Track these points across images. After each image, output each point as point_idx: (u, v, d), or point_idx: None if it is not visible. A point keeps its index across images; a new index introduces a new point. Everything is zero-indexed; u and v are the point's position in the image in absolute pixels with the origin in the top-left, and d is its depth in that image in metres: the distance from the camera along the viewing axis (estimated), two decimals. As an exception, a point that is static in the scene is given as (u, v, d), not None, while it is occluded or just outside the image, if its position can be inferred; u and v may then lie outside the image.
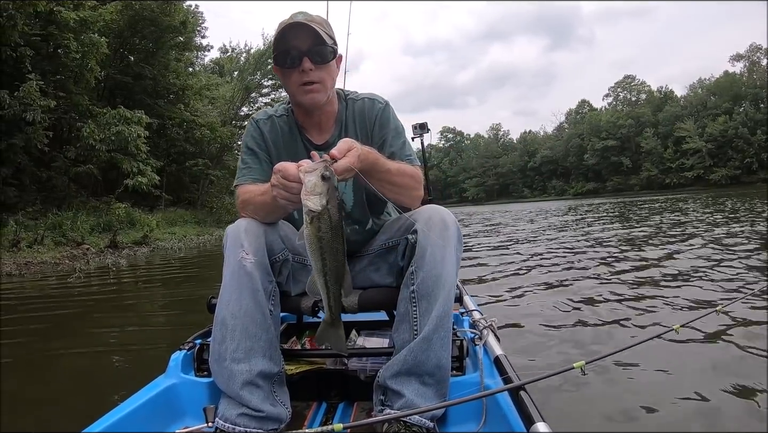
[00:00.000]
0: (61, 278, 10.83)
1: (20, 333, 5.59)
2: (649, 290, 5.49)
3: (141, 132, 20.46)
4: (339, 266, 1.69)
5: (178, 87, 30.64)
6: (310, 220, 1.61)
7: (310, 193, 1.59)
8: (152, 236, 20.44)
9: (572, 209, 28.57)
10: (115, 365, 4.20)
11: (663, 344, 3.44)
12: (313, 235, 1.63)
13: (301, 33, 2.06)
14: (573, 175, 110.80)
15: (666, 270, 6.63)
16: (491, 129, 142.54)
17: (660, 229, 13.31)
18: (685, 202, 30.60)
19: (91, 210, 20.90)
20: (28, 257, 14.00)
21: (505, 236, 14.81)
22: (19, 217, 17.07)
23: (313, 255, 1.66)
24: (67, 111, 20.40)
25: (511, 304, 5.38)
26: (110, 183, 23.31)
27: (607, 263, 7.61)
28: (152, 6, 25.89)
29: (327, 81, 2.14)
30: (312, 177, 1.59)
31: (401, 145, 2.24)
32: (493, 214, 35.09)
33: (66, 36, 18.62)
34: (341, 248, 1.67)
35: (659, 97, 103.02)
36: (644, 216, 19.43)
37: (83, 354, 4.63)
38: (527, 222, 21.86)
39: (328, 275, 1.69)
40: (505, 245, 12.22)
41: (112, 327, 5.60)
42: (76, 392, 3.62)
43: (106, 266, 13.08)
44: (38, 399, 3.50)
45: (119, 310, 7.00)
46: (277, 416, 1.86)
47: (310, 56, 2.07)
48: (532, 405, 1.54)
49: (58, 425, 2.88)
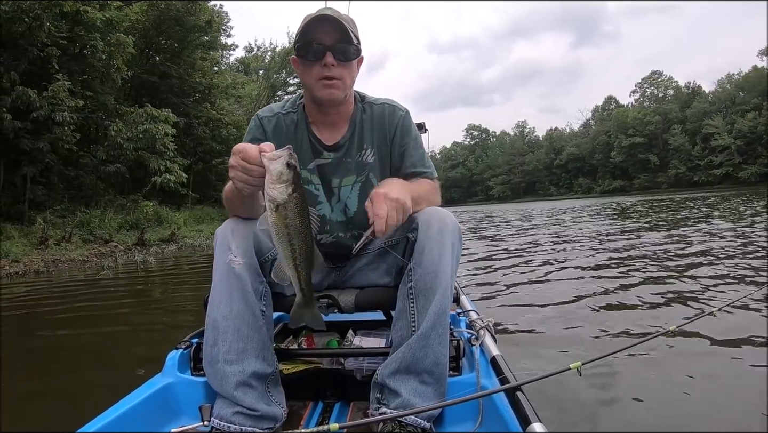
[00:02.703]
0: (90, 275, 10.88)
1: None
2: (648, 292, 5.40)
3: (168, 130, 20.63)
4: (308, 249, 1.66)
5: (204, 86, 30.95)
6: (275, 208, 1.57)
7: (276, 181, 1.55)
8: (179, 233, 20.59)
9: (621, 213, 27.79)
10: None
11: (659, 345, 3.48)
12: (279, 223, 1.59)
13: (328, 27, 2.04)
14: (600, 173, 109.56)
15: (666, 272, 6.45)
16: (517, 126, 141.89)
17: (670, 228, 13.03)
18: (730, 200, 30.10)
19: (118, 208, 21.14)
20: (56, 254, 14.11)
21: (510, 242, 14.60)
22: (47, 215, 17.21)
23: (280, 242, 1.63)
24: (94, 111, 20.59)
25: (508, 304, 5.35)
26: (137, 181, 23.57)
27: (606, 265, 7.46)
28: (177, 6, 26.15)
29: (347, 79, 2.11)
30: (277, 165, 1.55)
31: (420, 157, 2.26)
32: (505, 215, 34.65)
33: (92, 36, 18.79)
34: (309, 232, 1.64)
35: (687, 93, 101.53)
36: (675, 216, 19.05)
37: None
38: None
39: (297, 260, 1.65)
40: (505, 245, 12.06)
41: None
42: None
43: (134, 263, 13.15)
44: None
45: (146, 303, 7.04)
46: (273, 415, 1.86)
47: (334, 52, 2.04)
48: (529, 406, 1.55)
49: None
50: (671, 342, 3.49)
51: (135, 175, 23.55)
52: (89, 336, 5.30)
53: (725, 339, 3.62)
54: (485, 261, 9.04)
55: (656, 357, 3.33)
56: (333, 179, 2.20)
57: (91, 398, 3.20)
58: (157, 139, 20.19)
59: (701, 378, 3.03)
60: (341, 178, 2.20)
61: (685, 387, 2.89)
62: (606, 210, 26.61)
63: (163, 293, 8.46)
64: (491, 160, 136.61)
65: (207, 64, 32.02)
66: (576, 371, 1.66)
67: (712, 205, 23.49)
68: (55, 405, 3.28)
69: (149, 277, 10.51)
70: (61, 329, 5.65)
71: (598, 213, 23.79)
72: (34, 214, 16.99)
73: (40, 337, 5.31)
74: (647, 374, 3.12)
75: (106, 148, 20.23)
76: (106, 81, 21.37)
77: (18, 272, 11.74)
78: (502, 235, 15.17)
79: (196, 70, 29.99)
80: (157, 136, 20.11)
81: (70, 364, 4.36)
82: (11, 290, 9.28)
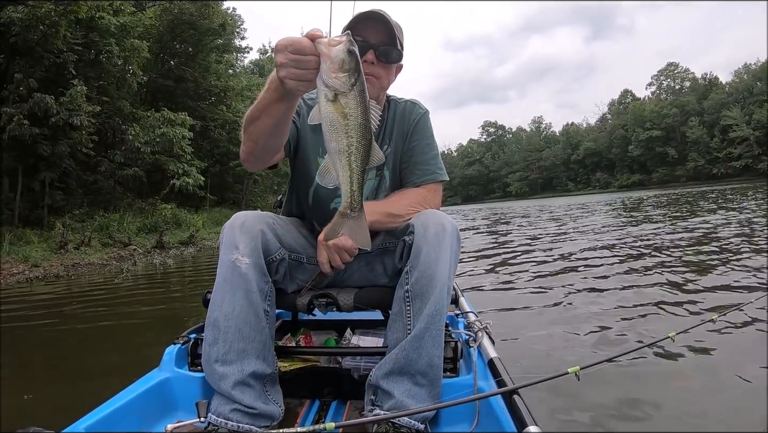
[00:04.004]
0: (109, 279, 10.94)
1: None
2: (647, 296, 5.31)
3: (185, 133, 20.76)
4: (367, 144, 1.50)
5: (220, 89, 31.05)
6: (333, 97, 1.43)
7: (338, 70, 1.40)
8: (198, 235, 20.61)
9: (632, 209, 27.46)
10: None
11: (659, 351, 3.49)
12: (337, 113, 1.44)
13: (376, 26, 2.08)
14: (617, 168, 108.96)
15: (667, 275, 6.26)
16: (533, 122, 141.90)
17: (665, 229, 12.74)
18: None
19: (137, 211, 21.28)
20: (76, 258, 14.16)
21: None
22: (66, 219, 17.35)
23: (336, 135, 1.47)
24: (111, 116, 20.73)
25: (508, 307, 5.33)
26: (155, 185, 23.75)
27: (604, 266, 7.34)
28: (191, 10, 26.25)
29: (384, 80, 2.16)
30: (339, 52, 1.39)
31: (433, 157, 2.29)
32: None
33: (107, 41, 18.93)
34: (369, 125, 1.48)
35: (704, 84, 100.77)
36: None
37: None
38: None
39: (353, 155, 1.49)
40: (504, 246, 11.97)
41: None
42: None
43: (153, 266, 13.20)
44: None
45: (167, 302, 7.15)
46: (270, 413, 1.85)
47: (377, 51, 2.08)
48: (525, 409, 1.56)
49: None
50: (671, 348, 3.48)
51: (153, 178, 23.75)
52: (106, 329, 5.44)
53: (725, 345, 3.62)
54: (484, 261, 9.04)
55: (655, 363, 3.34)
56: None
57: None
58: (174, 142, 20.34)
59: (701, 384, 3.05)
60: (367, 174, 2.19)
61: (684, 393, 2.92)
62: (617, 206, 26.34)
63: (182, 291, 8.61)
64: (508, 156, 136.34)
65: (222, 66, 32.20)
66: (574, 375, 1.66)
67: (729, 198, 23.15)
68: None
69: (167, 278, 10.56)
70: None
71: (610, 209, 23.56)
72: (53, 219, 17.12)
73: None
74: (646, 379, 3.13)
75: (124, 153, 20.35)
76: (122, 86, 21.54)
77: (38, 276, 11.81)
78: (502, 235, 15.07)
79: (211, 73, 30.17)
80: (174, 139, 20.25)
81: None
82: (31, 288, 9.35)
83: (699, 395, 2.88)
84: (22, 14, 15.57)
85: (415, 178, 2.25)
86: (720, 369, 3.23)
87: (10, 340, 5.38)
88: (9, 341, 5.31)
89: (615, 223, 15.79)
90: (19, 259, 13.31)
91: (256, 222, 1.93)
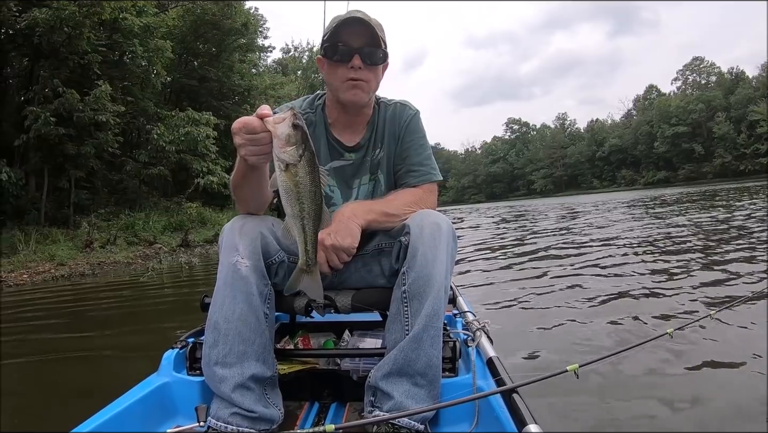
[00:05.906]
0: (134, 277, 11.00)
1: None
2: (645, 293, 5.33)
3: (210, 132, 20.90)
4: (317, 208, 1.65)
5: (243, 88, 31.25)
6: (285, 167, 1.57)
7: (285, 144, 1.54)
8: (223, 234, 20.68)
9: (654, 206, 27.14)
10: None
11: (657, 348, 3.48)
12: (289, 182, 1.59)
13: (357, 30, 2.08)
14: (643, 164, 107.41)
15: (667, 273, 6.24)
16: (557, 119, 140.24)
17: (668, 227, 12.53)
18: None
19: (162, 210, 21.53)
20: (102, 257, 14.32)
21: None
22: (92, 218, 17.57)
23: (289, 201, 1.62)
24: (136, 116, 20.91)
25: (506, 306, 5.34)
26: (180, 184, 23.94)
27: (604, 266, 7.25)
28: (213, 10, 26.41)
29: (372, 83, 2.16)
30: (284, 128, 1.54)
31: (427, 157, 2.29)
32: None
33: (131, 42, 19.12)
34: (319, 191, 1.63)
35: (730, 79, 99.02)
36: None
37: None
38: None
39: (306, 219, 1.65)
40: (503, 245, 11.88)
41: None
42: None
43: (179, 265, 13.27)
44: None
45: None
46: (270, 417, 1.84)
47: (362, 55, 2.08)
48: (525, 407, 1.54)
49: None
50: (669, 344, 3.42)
51: (178, 177, 23.93)
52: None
53: (723, 341, 3.64)
54: (485, 261, 9.01)
55: (654, 359, 3.35)
56: (353, 180, 2.27)
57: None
58: (198, 141, 20.51)
59: (700, 381, 3.07)
60: (360, 177, 2.27)
61: (683, 390, 2.94)
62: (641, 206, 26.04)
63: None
64: (532, 153, 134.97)
65: (245, 66, 32.37)
66: (573, 373, 1.66)
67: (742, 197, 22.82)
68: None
69: (193, 277, 10.59)
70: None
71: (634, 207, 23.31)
72: (79, 219, 17.35)
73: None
74: (644, 376, 3.15)
75: (149, 152, 20.56)
76: (147, 86, 21.72)
77: (63, 275, 11.92)
78: (504, 234, 15.00)
79: (234, 72, 30.32)
80: (198, 138, 20.41)
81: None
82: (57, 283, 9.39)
83: (698, 392, 2.88)
84: (47, 15, 15.73)
85: (410, 179, 2.25)
86: (719, 365, 3.26)
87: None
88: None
89: (627, 220, 15.67)
90: (46, 258, 13.46)
91: (255, 225, 1.95)
